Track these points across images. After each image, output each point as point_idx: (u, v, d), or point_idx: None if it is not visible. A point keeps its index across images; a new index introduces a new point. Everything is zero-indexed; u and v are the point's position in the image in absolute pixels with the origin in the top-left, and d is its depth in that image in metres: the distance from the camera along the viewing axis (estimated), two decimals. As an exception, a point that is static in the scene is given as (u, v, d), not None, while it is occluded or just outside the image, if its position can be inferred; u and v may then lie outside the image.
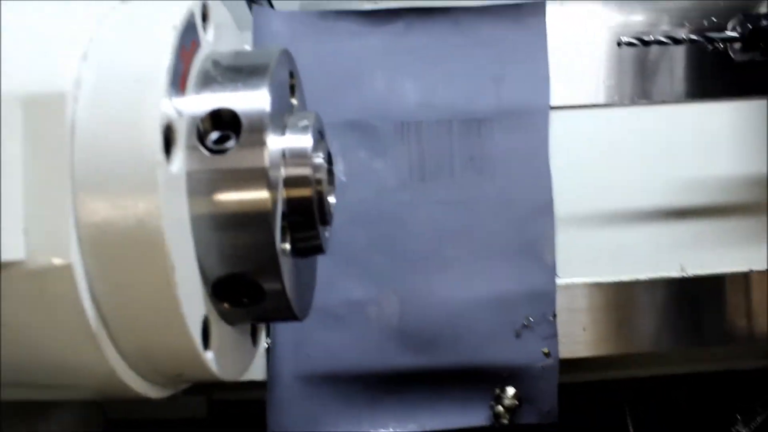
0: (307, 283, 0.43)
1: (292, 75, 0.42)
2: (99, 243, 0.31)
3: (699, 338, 0.70)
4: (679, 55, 0.72)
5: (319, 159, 0.39)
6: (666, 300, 0.69)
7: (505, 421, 0.67)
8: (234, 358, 0.40)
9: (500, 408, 0.67)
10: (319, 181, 0.39)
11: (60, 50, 0.33)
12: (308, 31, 0.70)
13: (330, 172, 0.42)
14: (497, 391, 0.67)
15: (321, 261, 0.54)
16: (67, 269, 0.31)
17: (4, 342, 0.33)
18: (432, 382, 0.68)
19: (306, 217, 0.39)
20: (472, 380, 0.67)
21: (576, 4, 0.75)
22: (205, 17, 0.38)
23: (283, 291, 0.37)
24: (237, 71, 0.37)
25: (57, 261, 0.31)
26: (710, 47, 0.61)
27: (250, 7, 0.78)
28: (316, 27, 0.70)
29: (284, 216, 0.37)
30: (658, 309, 0.69)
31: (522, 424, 0.68)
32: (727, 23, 0.67)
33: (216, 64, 0.37)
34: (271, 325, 0.67)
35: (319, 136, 0.40)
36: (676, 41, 0.59)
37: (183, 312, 0.32)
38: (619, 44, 0.59)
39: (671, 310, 0.69)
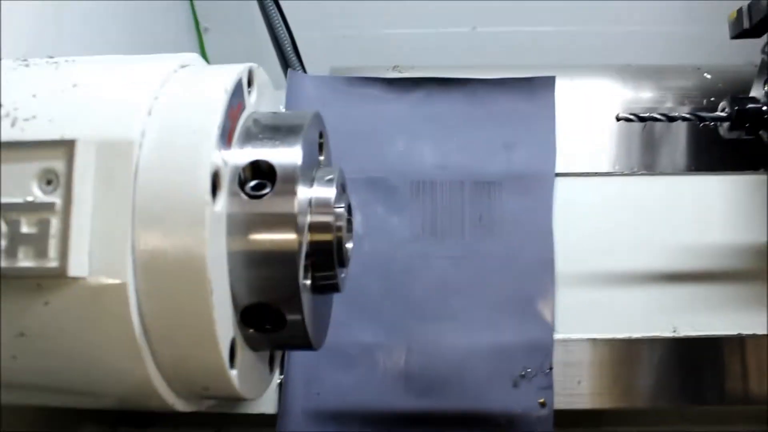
0: (323, 318, 0.49)
1: (321, 135, 0.48)
2: (150, 267, 0.37)
3: (696, 398, 0.73)
4: (679, 131, 0.77)
5: (341, 209, 0.45)
6: (662, 359, 0.72)
7: (501, 467, 0.70)
8: (253, 380, 0.45)
9: (497, 454, 0.70)
10: (339, 228, 0.44)
11: (130, 105, 0.39)
12: (337, 95, 0.77)
13: (349, 221, 0.48)
14: (494, 437, 0.71)
15: (336, 304, 0.59)
16: (122, 287, 0.37)
17: (57, 348, 0.39)
18: (434, 424, 0.71)
19: (326, 258, 0.44)
20: (471, 425, 0.71)
21: (587, 80, 0.81)
22: (250, 82, 0.45)
23: (302, 321, 0.42)
24: (275, 130, 0.43)
25: (113, 280, 0.37)
26: (701, 125, 0.66)
27: (285, 71, 0.85)
28: (344, 91, 0.77)
29: (307, 256, 0.43)
30: (654, 367, 0.72)
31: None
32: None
33: (257, 122, 0.44)
34: (285, 361, 0.72)
35: (342, 189, 0.46)
36: (670, 119, 0.65)
37: (216, 331, 0.38)
38: (617, 119, 0.64)
39: (667, 368, 0.72)
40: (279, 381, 0.72)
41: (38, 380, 0.42)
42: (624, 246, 0.74)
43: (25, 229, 0.35)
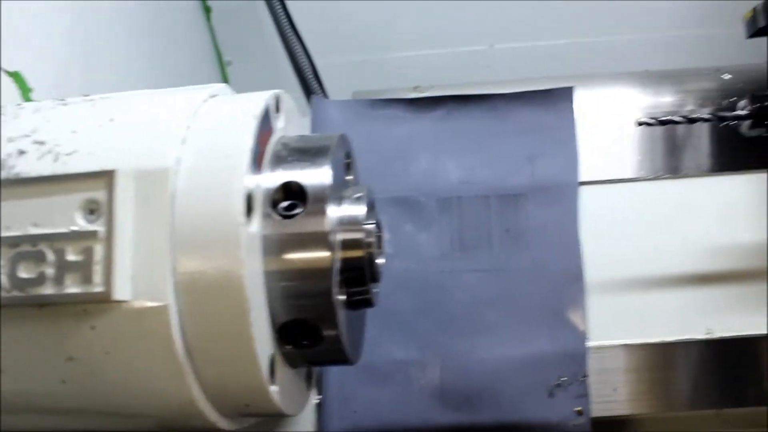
0: (358, 333, 0.50)
1: (348, 155, 0.49)
2: (191, 289, 0.38)
3: (735, 400, 0.72)
4: (701, 133, 0.78)
5: (371, 225, 0.46)
6: (697, 361, 0.72)
7: (541, 478, 0.70)
8: (293, 396, 0.46)
9: (536, 464, 0.71)
10: (369, 244, 0.46)
11: (164, 135, 0.41)
12: (360, 118, 0.79)
13: (379, 237, 0.49)
14: (533, 448, 0.71)
15: (370, 322, 0.60)
16: (164, 309, 0.38)
17: (104, 371, 0.40)
18: (471, 438, 0.72)
19: (358, 274, 0.46)
20: (509, 437, 0.72)
21: (607, 89, 0.82)
22: (277, 108, 0.47)
23: (338, 336, 0.43)
24: (303, 152, 0.44)
25: (155, 303, 0.38)
26: (722, 125, 0.67)
27: (307, 99, 0.88)
28: (367, 114, 0.79)
29: (340, 272, 0.44)
30: (690, 370, 0.72)
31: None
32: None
33: (286, 146, 0.45)
34: (322, 381, 0.73)
35: (371, 207, 0.47)
36: (690, 120, 0.66)
37: (255, 349, 0.39)
38: (638, 124, 0.65)
39: (704, 371, 0.72)
40: (317, 401, 0.73)
41: (86, 404, 0.43)
42: (653, 250, 0.74)
43: (71, 257, 0.37)
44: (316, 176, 0.43)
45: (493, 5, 1.14)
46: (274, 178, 0.42)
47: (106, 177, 0.38)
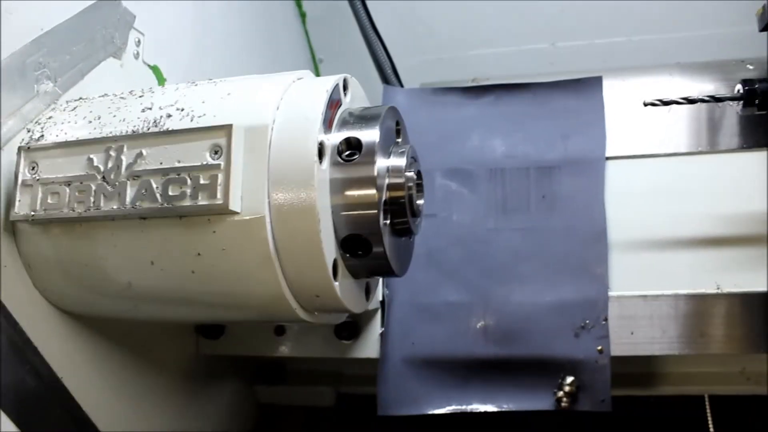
0: (404, 253, 0.66)
1: (398, 123, 0.66)
2: (279, 207, 0.56)
3: (739, 347, 0.84)
4: (731, 117, 0.89)
5: (411, 173, 0.62)
6: (706, 312, 0.84)
7: (565, 404, 0.84)
8: (352, 298, 0.63)
9: (561, 393, 0.84)
10: (410, 187, 0.62)
11: (264, 104, 0.59)
12: (423, 102, 0.95)
13: (419, 184, 0.65)
14: (560, 379, 0.85)
15: (426, 271, 0.75)
16: (262, 220, 0.56)
17: (221, 264, 0.58)
18: (508, 369, 0.87)
19: (401, 209, 0.62)
20: (539, 369, 0.86)
21: (647, 78, 0.95)
22: (345, 87, 0.64)
23: (384, 250, 0.60)
24: (362, 118, 0.61)
25: (256, 215, 0.56)
26: (719, 105, 0.78)
27: (388, 82, 1.04)
28: (429, 99, 0.95)
29: (387, 206, 0.60)
30: (699, 319, 0.84)
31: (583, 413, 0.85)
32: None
33: (351, 114, 0.62)
34: (386, 317, 0.89)
35: (413, 160, 0.64)
36: (690, 101, 0.78)
37: (323, 251, 0.56)
38: (645, 104, 0.78)
39: (712, 321, 0.84)
40: (381, 332, 0.89)
41: (207, 293, 0.61)
42: (672, 216, 0.87)
43: (202, 181, 0.55)
44: (369, 134, 0.59)
45: (555, 7, 1.27)
46: (339, 135, 0.59)
47: (226, 129, 0.56)
